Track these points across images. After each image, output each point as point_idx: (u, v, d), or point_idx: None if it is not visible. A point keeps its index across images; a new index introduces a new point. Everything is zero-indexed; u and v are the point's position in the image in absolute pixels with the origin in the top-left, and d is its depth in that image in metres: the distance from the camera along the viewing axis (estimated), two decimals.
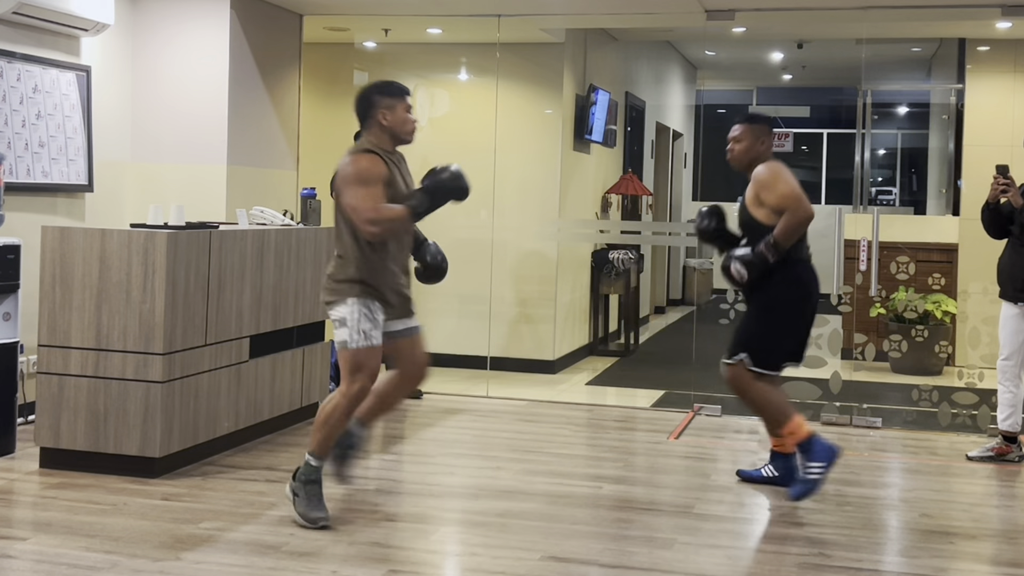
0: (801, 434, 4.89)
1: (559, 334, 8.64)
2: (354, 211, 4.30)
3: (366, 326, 4.35)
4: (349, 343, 4.34)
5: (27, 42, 6.10)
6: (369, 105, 4.46)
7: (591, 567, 4.04)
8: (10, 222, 5.75)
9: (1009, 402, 5.79)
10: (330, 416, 4.36)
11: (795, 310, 4.97)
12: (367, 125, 4.49)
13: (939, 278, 7.83)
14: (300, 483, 4.39)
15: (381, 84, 4.54)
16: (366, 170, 4.34)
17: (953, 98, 9.79)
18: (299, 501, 4.38)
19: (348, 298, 4.35)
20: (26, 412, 5.77)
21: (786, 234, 4.81)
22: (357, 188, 4.31)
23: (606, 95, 9.43)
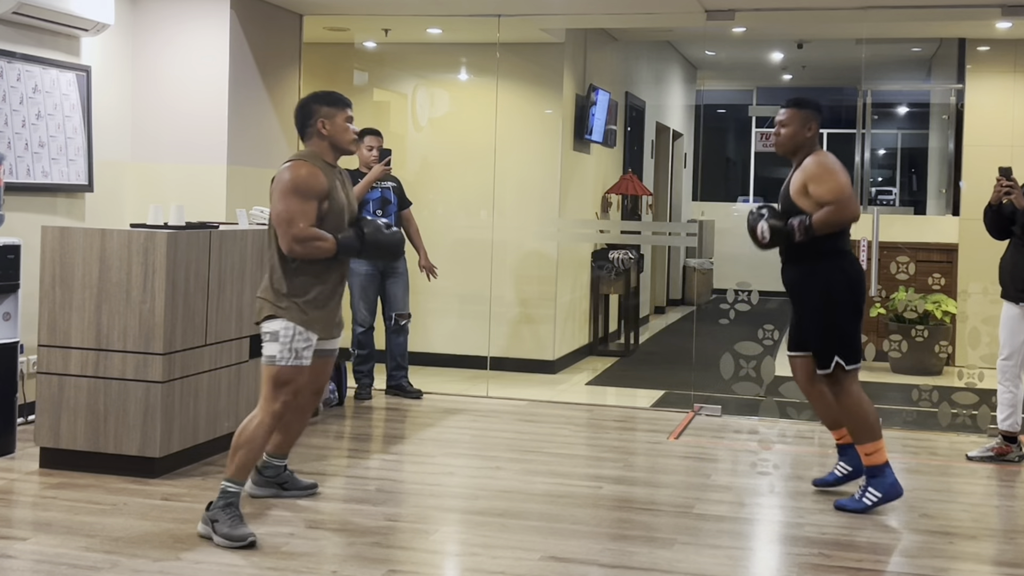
0: (876, 460, 4.79)
1: (559, 334, 8.64)
2: (282, 222, 4.18)
3: (299, 345, 4.26)
4: (278, 359, 4.24)
5: (27, 42, 6.10)
6: (308, 114, 4.34)
7: (591, 567, 4.04)
8: (10, 222, 5.75)
9: (1009, 402, 5.79)
10: (252, 438, 4.21)
11: (856, 296, 4.85)
12: (307, 135, 4.36)
13: (939, 278, 7.83)
14: (218, 509, 4.17)
15: (321, 93, 4.41)
16: (304, 181, 4.20)
17: (953, 98, 9.79)
18: (220, 526, 4.14)
19: (285, 316, 4.24)
20: (26, 412, 5.77)
21: (824, 224, 4.69)
22: (291, 197, 4.18)
23: (606, 95, 9.43)
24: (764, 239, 4.80)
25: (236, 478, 4.22)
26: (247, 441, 4.22)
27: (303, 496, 4.80)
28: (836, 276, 4.81)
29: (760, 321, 7.07)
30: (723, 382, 6.97)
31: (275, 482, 4.80)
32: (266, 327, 4.28)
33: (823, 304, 4.82)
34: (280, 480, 4.81)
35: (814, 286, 4.84)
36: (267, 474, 4.79)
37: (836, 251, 4.84)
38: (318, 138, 4.34)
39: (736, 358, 6.86)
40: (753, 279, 7.20)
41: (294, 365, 4.26)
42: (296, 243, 4.19)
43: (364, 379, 7.18)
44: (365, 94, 9.12)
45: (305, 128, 4.36)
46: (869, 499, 4.81)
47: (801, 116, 4.91)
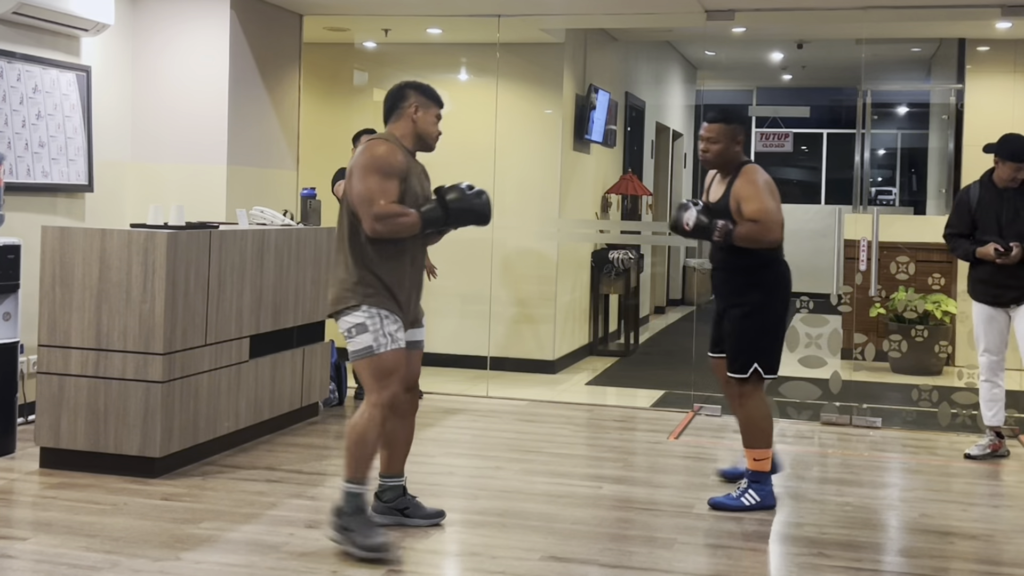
0: (762, 467, 4.85)
1: (559, 334, 8.64)
2: (363, 201, 3.97)
3: (391, 328, 4.04)
4: (375, 348, 4.01)
5: (27, 42, 6.10)
6: (403, 97, 4.18)
7: (591, 567, 4.04)
8: (10, 222, 5.75)
9: (999, 397, 5.84)
10: (364, 435, 4.00)
11: (779, 310, 4.89)
12: (394, 117, 4.18)
13: (939, 278, 7.82)
14: (348, 516, 4.00)
15: (420, 84, 4.24)
16: (383, 158, 4.01)
17: (953, 98, 9.80)
18: (354, 535, 3.97)
19: (364, 303, 4.03)
20: (26, 412, 5.77)
21: (745, 238, 4.70)
22: (370, 176, 3.98)
23: (606, 95, 9.43)
24: (687, 227, 4.79)
25: (356, 478, 4.02)
26: (359, 439, 4.00)
27: (429, 525, 4.44)
28: (772, 285, 4.86)
29: None
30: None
31: (396, 508, 4.42)
32: (348, 320, 4.05)
33: (754, 311, 4.83)
34: (401, 506, 4.43)
35: (749, 294, 4.84)
36: (386, 498, 4.43)
37: (775, 259, 4.88)
38: (405, 121, 4.16)
39: None
40: None
41: (393, 349, 4.04)
42: (378, 221, 3.97)
43: None
44: (365, 94, 9.12)
45: (394, 110, 4.19)
46: (748, 500, 4.81)
47: (729, 131, 4.90)
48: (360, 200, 4.01)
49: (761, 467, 4.84)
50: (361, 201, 4.00)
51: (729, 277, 4.92)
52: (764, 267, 4.84)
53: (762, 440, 4.84)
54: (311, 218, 6.54)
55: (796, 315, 7.02)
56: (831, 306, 7.16)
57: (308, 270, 6.23)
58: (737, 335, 4.86)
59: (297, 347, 6.17)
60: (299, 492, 4.91)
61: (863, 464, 5.82)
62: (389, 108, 4.22)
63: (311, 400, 6.40)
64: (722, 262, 4.95)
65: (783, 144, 14.19)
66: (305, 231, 6.23)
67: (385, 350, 4.04)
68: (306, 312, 6.23)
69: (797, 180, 16.23)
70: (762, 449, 4.84)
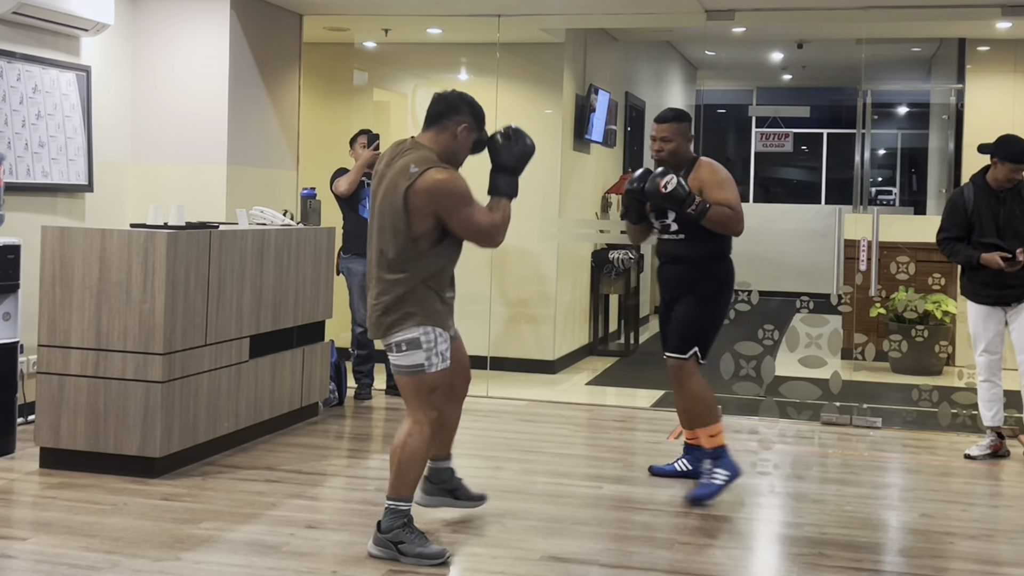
0: (719, 441, 4.98)
1: (559, 334, 8.64)
2: (481, 232, 4.05)
3: (443, 347, 4.07)
4: (428, 367, 4.02)
5: (27, 42, 6.10)
6: (456, 111, 4.15)
7: (591, 567, 4.04)
8: (10, 222, 5.75)
9: (998, 396, 5.84)
10: (415, 454, 4.02)
11: (727, 303, 5.16)
12: (439, 126, 4.14)
13: (939, 278, 7.82)
14: (398, 529, 4.02)
15: (477, 105, 4.23)
16: (466, 188, 4.05)
17: (953, 98, 9.80)
18: (408, 547, 4.00)
19: (423, 321, 4.02)
20: (26, 412, 5.77)
21: (716, 220, 4.88)
22: (470, 208, 4.02)
23: (606, 95, 9.43)
24: (665, 189, 4.87)
25: (404, 496, 4.05)
26: (410, 458, 4.02)
27: (474, 506, 4.59)
28: (724, 278, 5.08)
29: (760, 321, 7.07)
30: (723, 382, 6.96)
31: (446, 489, 4.53)
32: (401, 336, 4.03)
33: (707, 299, 5.02)
34: (451, 487, 4.54)
35: (705, 283, 5.02)
36: (436, 480, 4.51)
37: (725, 255, 5.11)
38: (447, 136, 4.14)
39: (736, 358, 6.86)
40: (753, 279, 7.19)
41: (442, 369, 4.08)
42: (497, 236, 4.11)
43: (364, 379, 7.18)
44: (365, 94, 9.12)
45: (443, 120, 4.14)
46: (719, 478, 4.92)
47: (682, 129, 5.13)
48: (477, 232, 4.07)
49: (716, 442, 4.99)
50: (475, 232, 4.07)
51: (685, 270, 5.07)
52: (720, 260, 5.07)
53: (710, 415, 5.00)
54: (311, 218, 6.54)
55: (796, 315, 7.03)
56: (831, 306, 7.17)
57: (308, 270, 6.23)
58: (686, 319, 5.03)
59: (297, 347, 6.17)
60: (299, 492, 4.91)
61: (863, 464, 5.82)
62: (438, 114, 4.16)
63: (311, 400, 6.40)
64: (678, 257, 5.08)
65: (783, 144, 14.19)
66: (305, 231, 6.23)
67: (435, 370, 4.06)
68: (306, 312, 6.23)
69: (797, 180, 16.24)
70: (713, 424, 4.99)
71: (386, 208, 4.06)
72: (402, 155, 4.08)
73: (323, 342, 6.52)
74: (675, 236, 5.06)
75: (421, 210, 3.97)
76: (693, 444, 5.27)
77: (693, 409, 5.03)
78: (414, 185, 3.96)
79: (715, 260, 5.05)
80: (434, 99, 4.20)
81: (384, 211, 4.07)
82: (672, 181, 4.86)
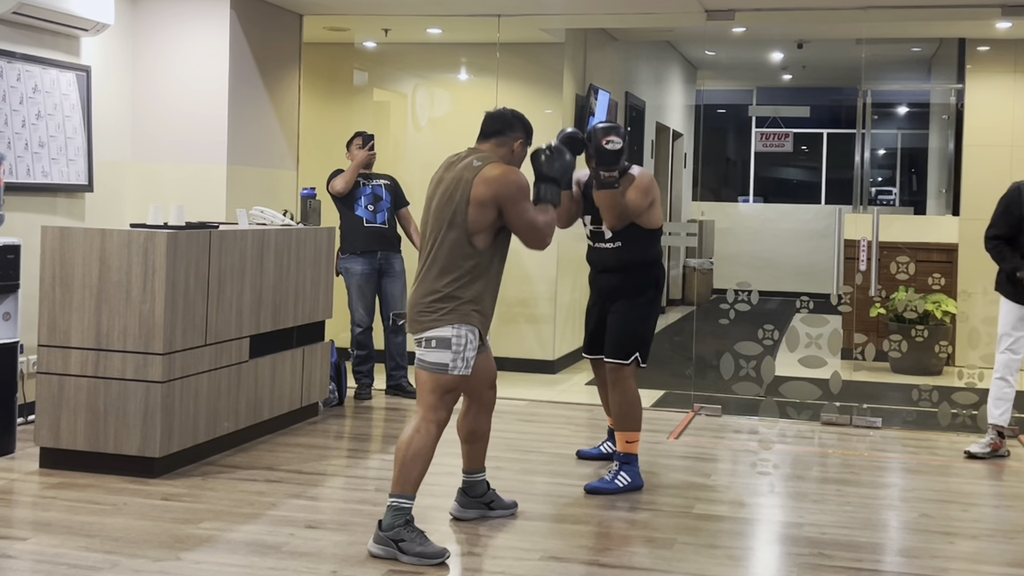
0: (634, 449, 5.14)
1: (559, 334, 8.64)
2: (536, 228, 4.18)
3: (471, 354, 4.15)
4: (451, 368, 4.10)
5: (27, 42, 6.10)
6: (512, 127, 4.36)
7: (591, 567, 4.04)
8: (10, 222, 5.75)
9: (1009, 396, 5.83)
10: (420, 451, 4.08)
11: (659, 303, 5.28)
12: (498, 140, 4.32)
13: (939, 278, 7.83)
14: (400, 527, 4.04)
15: (528, 122, 4.45)
16: (528, 184, 4.20)
17: (953, 98, 9.79)
18: (407, 545, 4.02)
19: (457, 320, 4.10)
20: (26, 412, 5.77)
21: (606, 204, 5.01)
22: (528, 202, 4.17)
23: (606, 95, 9.43)
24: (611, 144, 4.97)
25: (407, 492, 4.09)
26: (415, 455, 4.08)
27: (508, 515, 4.63)
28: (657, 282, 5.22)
29: (760, 321, 7.07)
30: (723, 382, 6.97)
31: (482, 502, 4.60)
32: (435, 332, 4.10)
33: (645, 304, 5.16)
34: (488, 500, 4.62)
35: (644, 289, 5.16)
36: (472, 493, 4.60)
37: (658, 260, 5.28)
38: (506, 150, 4.33)
39: (736, 358, 6.86)
40: (753, 279, 7.20)
41: (463, 375, 4.16)
42: (548, 237, 4.26)
43: (364, 379, 7.18)
44: (365, 94, 9.12)
45: (501, 134, 4.34)
46: (621, 482, 5.07)
47: None
48: (530, 228, 4.19)
49: (631, 449, 5.14)
50: (530, 228, 4.19)
51: (623, 278, 5.19)
52: (654, 265, 5.23)
53: (633, 423, 5.13)
54: (311, 218, 6.54)
55: (796, 315, 7.03)
56: (831, 306, 7.17)
57: (308, 270, 6.23)
58: (626, 326, 5.14)
59: (297, 347, 6.17)
60: (299, 492, 4.91)
61: (863, 464, 5.82)
62: (496, 130, 4.36)
63: (311, 400, 6.40)
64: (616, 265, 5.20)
65: (783, 144, 14.20)
66: (305, 231, 6.23)
67: (458, 372, 4.13)
68: (306, 312, 6.23)
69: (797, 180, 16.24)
70: (633, 432, 5.13)
71: (445, 204, 4.17)
72: (462, 159, 4.27)
73: (323, 342, 6.52)
74: (611, 244, 5.19)
75: (484, 200, 4.10)
76: None
77: (622, 412, 5.15)
78: (480, 174, 4.14)
79: (650, 266, 5.20)
80: (489, 117, 4.42)
81: (442, 208, 4.18)
82: (617, 143, 4.98)
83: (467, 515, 4.58)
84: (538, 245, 4.25)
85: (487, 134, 4.37)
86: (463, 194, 4.12)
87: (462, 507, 4.59)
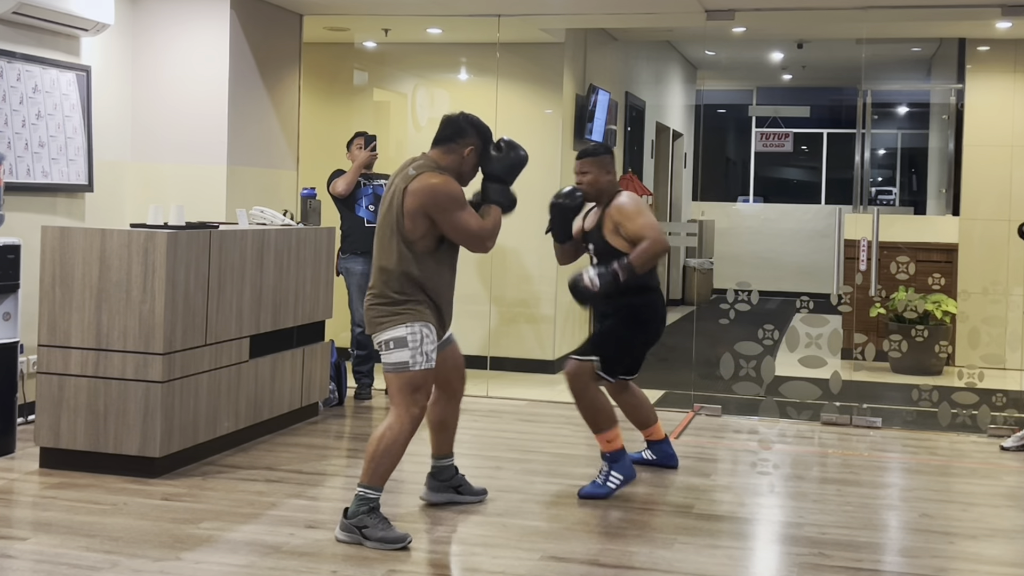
0: (616, 445, 5.04)
1: (559, 334, 8.64)
2: (471, 235, 4.26)
3: (428, 348, 4.23)
4: (412, 365, 4.20)
5: (27, 42, 6.10)
6: (463, 134, 4.40)
7: (591, 567, 4.04)
8: (10, 222, 5.75)
9: None
10: (391, 446, 4.19)
11: (644, 333, 5.17)
12: (447, 147, 4.39)
13: (939, 278, 7.82)
14: (363, 515, 4.18)
15: (483, 126, 4.48)
16: (460, 192, 4.26)
17: (953, 98, 9.79)
18: (371, 531, 4.15)
19: (410, 319, 4.21)
20: (26, 412, 5.77)
21: (641, 259, 4.92)
22: (461, 211, 4.23)
23: (606, 95, 9.43)
24: (594, 286, 4.93)
25: (374, 484, 4.21)
26: (386, 450, 4.18)
27: (476, 502, 4.77)
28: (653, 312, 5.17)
29: (760, 321, 7.07)
30: (723, 382, 6.97)
31: (451, 486, 4.75)
32: (388, 334, 4.22)
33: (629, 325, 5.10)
34: (456, 484, 4.76)
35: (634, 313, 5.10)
36: (442, 478, 4.74)
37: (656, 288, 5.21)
38: (455, 157, 4.38)
39: (736, 358, 6.86)
40: (753, 279, 7.19)
41: (426, 369, 4.23)
42: (487, 241, 4.30)
43: (364, 379, 7.18)
44: (365, 94, 9.12)
45: (450, 141, 4.40)
46: (613, 482, 5.00)
47: (598, 163, 5.18)
48: (466, 235, 4.27)
49: (614, 447, 5.05)
50: (468, 235, 4.27)
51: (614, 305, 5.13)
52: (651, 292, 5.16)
53: (606, 421, 5.05)
54: (311, 218, 6.54)
55: (796, 315, 7.03)
56: (831, 306, 7.17)
57: (308, 270, 6.23)
58: (600, 332, 5.21)
59: (297, 347, 6.17)
60: (299, 492, 4.91)
61: (863, 464, 5.82)
62: (446, 136, 4.43)
63: (311, 400, 6.40)
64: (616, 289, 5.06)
65: (783, 144, 14.20)
66: (305, 231, 6.23)
67: (419, 368, 4.21)
68: (306, 312, 6.23)
69: (797, 180, 16.24)
70: (609, 430, 5.04)
71: (387, 211, 4.29)
72: (406, 166, 4.36)
73: (323, 342, 6.52)
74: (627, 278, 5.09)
75: (412, 211, 4.20)
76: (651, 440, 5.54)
77: (589, 417, 5.07)
78: (409, 186, 4.22)
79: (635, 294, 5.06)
80: (443, 122, 4.48)
81: (386, 214, 4.29)
82: (594, 276, 4.94)
83: (436, 499, 4.73)
84: (477, 249, 4.34)
85: (437, 140, 4.43)
86: (398, 204, 4.23)
87: (431, 491, 4.75)
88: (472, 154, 4.40)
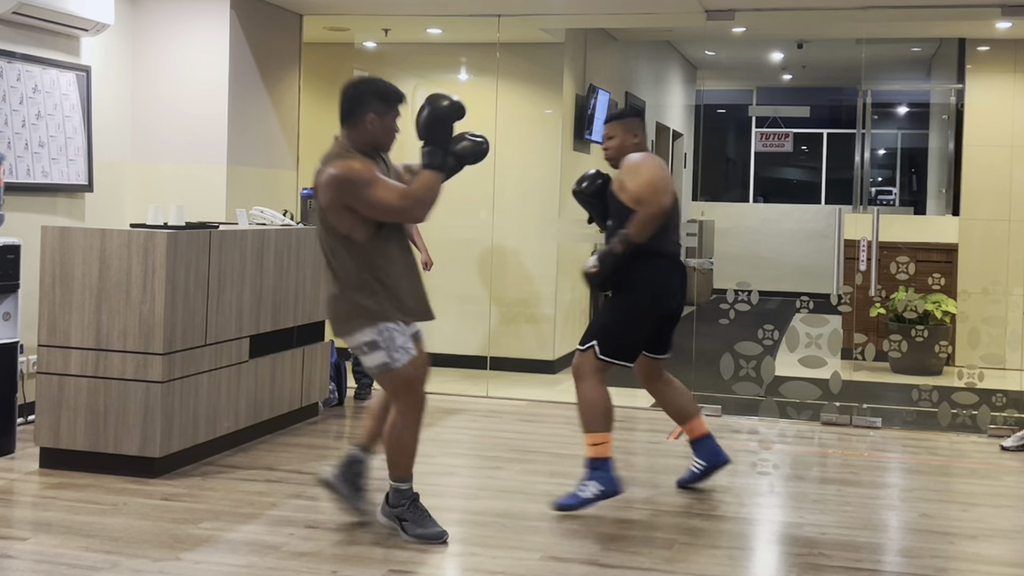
0: (601, 452, 4.69)
1: (559, 334, 8.64)
2: (392, 209, 4.01)
3: (402, 342, 4.14)
4: (391, 363, 4.12)
5: (27, 42, 6.10)
6: (359, 104, 4.15)
7: (591, 567, 4.04)
8: (10, 222, 5.75)
9: None
10: (401, 440, 4.20)
11: (645, 307, 4.82)
12: (349, 124, 4.17)
13: (939, 278, 7.82)
14: (403, 507, 4.21)
15: (377, 85, 4.21)
16: (363, 171, 4.01)
17: (953, 98, 9.79)
18: (410, 525, 4.21)
19: (371, 321, 4.08)
20: (26, 412, 5.77)
21: (638, 228, 4.67)
22: (371, 189, 3.98)
23: (606, 95, 9.43)
24: (594, 269, 4.81)
25: (402, 476, 4.25)
26: (398, 443, 4.22)
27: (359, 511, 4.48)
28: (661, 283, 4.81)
29: (760, 321, 7.07)
30: (723, 382, 6.97)
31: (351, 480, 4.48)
32: (358, 338, 4.12)
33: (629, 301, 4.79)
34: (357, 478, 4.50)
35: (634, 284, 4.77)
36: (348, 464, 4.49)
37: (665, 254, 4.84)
38: (360, 131, 4.16)
39: (736, 358, 6.86)
40: (753, 279, 7.19)
41: (408, 360, 4.16)
42: (419, 209, 4.04)
43: (364, 379, 7.18)
44: None
45: (350, 117, 4.17)
46: (587, 492, 4.67)
47: (624, 125, 5.00)
48: (385, 211, 4.03)
49: (599, 453, 4.69)
50: (387, 210, 4.03)
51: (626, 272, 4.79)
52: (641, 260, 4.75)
53: (597, 423, 4.70)
54: (311, 218, 6.53)
55: (796, 315, 7.02)
56: (831, 306, 7.16)
57: (308, 270, 6.23)
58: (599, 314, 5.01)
59: (297, 347, 6.17)
60: (299, 492, 4.91)
61: (863, 464, 5.82)
62: (344, 113, 4.19)
63: (311, 400, 6.40)
64: None
65: (783, 144, 14.19)
66: (305, 231, 6.23)
67: (400, 364, 4.15)
68: (306, 312, 6.23)
69: (797, 180, 16.24)
70: (599, 433, 4.70)
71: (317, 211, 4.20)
72: None
73: (323, 342, 6.52)
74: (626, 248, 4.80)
75: (329, 205, 4.06)
76: (693, 439, 5.17)
77: (581, 412, 4.74)
78: (317, 185, 4.13)
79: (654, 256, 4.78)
80: (340, 96, 4.23)
81: (318, 215, 4.20)
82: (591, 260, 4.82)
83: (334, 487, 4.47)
84: (407, 220, 4.12)
85: (341, 120, 4.21)
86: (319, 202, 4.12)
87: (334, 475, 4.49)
88: (376, 121, 4.13)
